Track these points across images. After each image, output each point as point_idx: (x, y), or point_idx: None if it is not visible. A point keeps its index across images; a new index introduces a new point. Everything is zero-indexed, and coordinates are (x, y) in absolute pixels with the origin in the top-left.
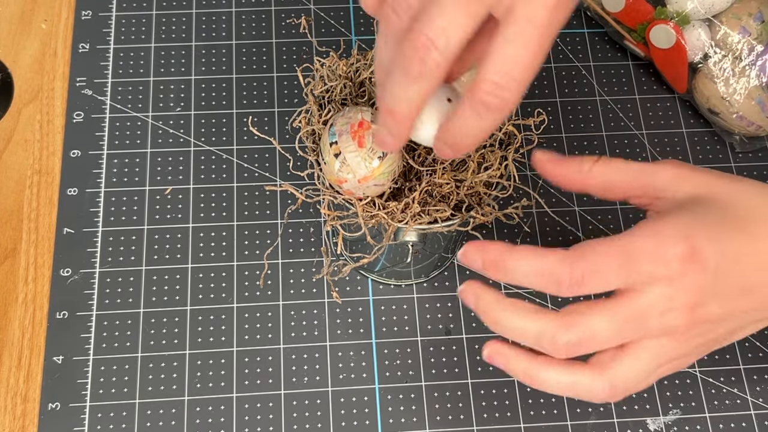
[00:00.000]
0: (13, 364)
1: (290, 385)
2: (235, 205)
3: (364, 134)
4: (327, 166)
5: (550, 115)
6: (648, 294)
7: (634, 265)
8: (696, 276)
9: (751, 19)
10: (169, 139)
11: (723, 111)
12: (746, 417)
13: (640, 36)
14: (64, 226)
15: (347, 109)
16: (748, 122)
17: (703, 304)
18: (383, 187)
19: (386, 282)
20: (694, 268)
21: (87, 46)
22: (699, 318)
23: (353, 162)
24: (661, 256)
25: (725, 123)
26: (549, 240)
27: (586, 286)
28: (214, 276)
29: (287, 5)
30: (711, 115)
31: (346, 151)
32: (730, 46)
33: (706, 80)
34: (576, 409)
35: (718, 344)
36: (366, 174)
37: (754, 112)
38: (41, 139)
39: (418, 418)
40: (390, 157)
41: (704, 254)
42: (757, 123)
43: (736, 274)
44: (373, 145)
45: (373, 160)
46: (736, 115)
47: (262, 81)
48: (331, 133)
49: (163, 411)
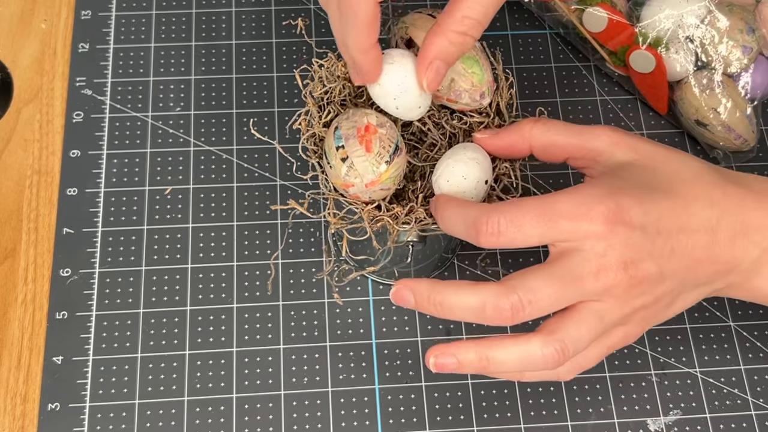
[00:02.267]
0: (13, 364)
1: (290, 386)
2: (235, 205)
3: (372, 138)
4: (333, 170)
5: (551, 115)
6: (580, 253)
7: (553, 221)
8: (623, 233)
9: (745, 34)
10: (169, 139)
11: (711, 122)
12: (746, 417)
13: (619, 60)
14: (64, 226)
15: (350, 112)
16: (735, 135)
17: (635, 262)
18: (389, 191)
19: (386, 282)
20: (621, 226)
21: (87, 46)
22: (635, 276)
23: (361, 167)
24: (583, 214)
25: (711, 135)
26: None
27: (503, 236)
28: (214, 276)
29: (287, 5)
30: (697, 127)
31: (354, 156)
32: (727, 59)
33: (695, 91)
34: (576, 410)
35: (662, 314)
36: (373, 179)
37: (741, 125)
38: (41, 139)
39: (418, 418)
40: (397, 162)
41: (629, 213)
42: (743, 137)
43: (664, 234)
44: (380, 149)
45: (381, 165)
46: (723, 126)
47: (262, 81)
48: (337, 137)
49: (163, 411)
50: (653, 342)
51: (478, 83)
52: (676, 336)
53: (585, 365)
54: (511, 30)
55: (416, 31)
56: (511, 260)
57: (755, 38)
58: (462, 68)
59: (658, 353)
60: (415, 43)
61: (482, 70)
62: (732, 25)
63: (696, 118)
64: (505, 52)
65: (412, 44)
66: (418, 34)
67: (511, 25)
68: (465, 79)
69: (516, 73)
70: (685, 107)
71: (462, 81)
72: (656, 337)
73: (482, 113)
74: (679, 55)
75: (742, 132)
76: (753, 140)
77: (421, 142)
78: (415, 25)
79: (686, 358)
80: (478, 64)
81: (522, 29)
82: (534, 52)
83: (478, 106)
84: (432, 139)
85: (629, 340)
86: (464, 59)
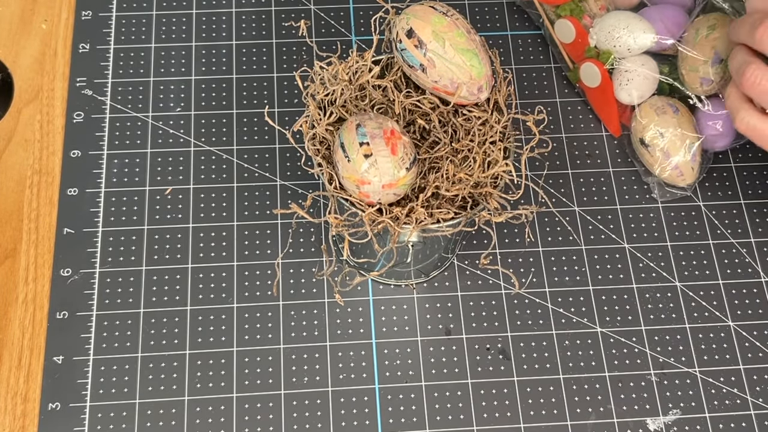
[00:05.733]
0: (13, 364)
1: (290, 385)
2: (235, 205)
3: (397, 143)
4: (351, 164)
5: (550, 115)
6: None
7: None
8: None
9: (707, 66)
10: (169, 139)
11: (652, 144)
12: (746, 417)
13: (575, 75)
14: (64, 226)
15: (371, 114)
16: (673, 165)
17: None
18: (398, 197)
19: (386, 282)
20: None
21: (87, 46)
22: None
23: (384, 167)
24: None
25: (650, 159)
26: (549, 240)
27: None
28: (214, 276)
29: (287, 5)
30: (640, 146)
31: (379, 155)
32: (684, 86)
33: (649, 108)
34: (576, 409)
35: None
36: (392, 181)
37: (681, 156)
38: (41, 139)
39: (418, 418)
40: (413, 171)
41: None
42: (680, 169)
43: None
44: (403, 155)
45: (401, 170)
46: (662, 153)
47: (262, 81)
48: (361, 134)
49: (163, 411)
50: (653, 342)
51: (477, 77)
52: (676, 336)
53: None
54: (510, 30)
55: (417, 21)
56: (511, 260)
57: (719, 70)
58: (461, 61)
59: (657, 353)
60: (416, 33)
61: (481, 63)
62: (699, 53)
63: (641, 137)
64: (505, 52)
65: (413, 34)
66: (420, 25)
67: (511, 26)
68: (464, 72)
69: (516, 74)
70: (635, 123)
71: (461, 73)
72: (656, 337)
73: (481, 107)
74: (631, 75)
75: (680, 164)
76: (690, 178)
77: (422, 140)
78: (416, 15)
79: (686, 357)
80: (477, 58)
81: (522, 30)
82: (534, 53)
83: (476, 100)
84: (435, 137)
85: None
86: (464, 52)
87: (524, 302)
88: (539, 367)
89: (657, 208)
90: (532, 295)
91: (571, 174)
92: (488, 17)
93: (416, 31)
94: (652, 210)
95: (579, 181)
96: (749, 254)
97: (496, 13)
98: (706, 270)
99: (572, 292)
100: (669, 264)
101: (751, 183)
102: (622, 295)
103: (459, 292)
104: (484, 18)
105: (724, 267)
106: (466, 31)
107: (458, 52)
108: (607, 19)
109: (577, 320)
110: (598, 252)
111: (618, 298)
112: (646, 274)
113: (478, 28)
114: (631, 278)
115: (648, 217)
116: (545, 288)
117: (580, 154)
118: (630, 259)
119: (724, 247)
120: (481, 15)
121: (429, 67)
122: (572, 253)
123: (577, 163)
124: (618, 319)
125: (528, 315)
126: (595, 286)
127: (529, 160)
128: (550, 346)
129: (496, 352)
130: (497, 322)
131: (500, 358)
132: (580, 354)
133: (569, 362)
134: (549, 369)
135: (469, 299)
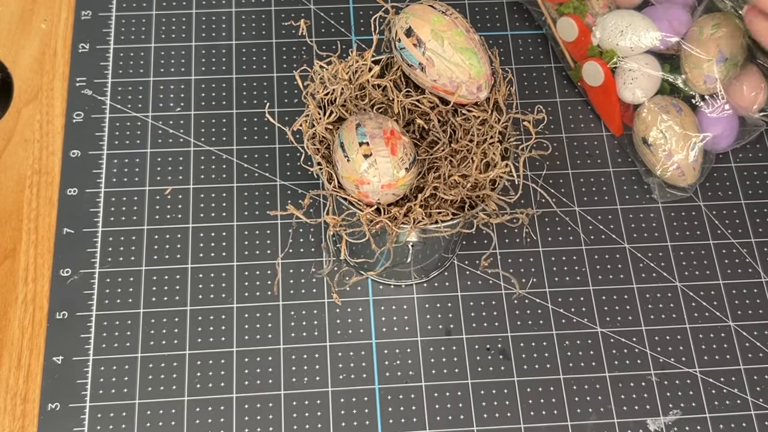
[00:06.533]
0: (13, 364)
1: (290, 386)
2: (235, 205)
3: (397, 143)
4: (351, 164)
5: (551, 114)
6: None
7: None
8: None
9: (712, 65)
10: (169, 139)
11: (656, 144)
12: (746, 417)
13: (576, 74)
14: (64, 226)
15: (371, 114)
16: (675, 165)
17: None
18: (397, 197)
19: (386, 282)
20: None
21: (87, 46)
22: None
23: (383, 167)
24: None
25: (652, 159)
26: (549, 240)
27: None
28: (214, 276)
29: (287, 5)
30: (643, 145)
31: (379, 155)
32: (687, 86)
33: (652, 107)
34: (576, 410)
35: None
36: (391, 181)
37: (684, 156)
38: (41, 139)
39: (418, 419)
40: (413, 172)
41: None
42: (682, 169)
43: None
44: (403, 155)
45: (401, 170)
46: (665, 153)
47: (262, 81)
48: (360, 133)
49: (163, 411)
50: (653, 342)
51: (476, 75)
52: (676, 336)
53: None
54: (511, 30)
55: (416, 20)
56: (511, 260)
57: (725, 67)
58: (460, 59)
59: (658, 353)
60: (415, 32)
61: (480, 62)
62: (703, 52)
63: (644, 136)
64: (506, 51)
65: (411, 33)
66: (418, 24)
67: (511, 26)
68: (462, 71)
69: (516, 73)
70: (638, 123)
71: (459, 72)
72: (656, 337)
73: (480, 107)
74: (635, 75)
75: (682, 164)
76: (692, 178)
77: (421, 139)
78: (415, 14)
79: (686, 358)
80: (476, 57)
81: (522, 29)
82: (534, 53)
83: (475, 99)
84: (434, 137)
85: None
86: (463, 51)
87: (524, 302)
88: (539, 368)
89: (657, 208)
90: (532, 296)
91: (571, 174)
92: (488, 17)
93: (415, 29)
94: (653, 210)
95: (579, 181)
96: (749, 254)
97: (496, 12)
98: (707, 270)
99: (572, 293)
100: (669, 264)
101: (752, 183)
102: (623, 296)
103: (459, 292)
104: (484, 18)
105: (725, 267)
106: (465, 30)
107: (457, 50)
108: (610, 17)
109: (577, 320)
110: (599, 252)
111: (618, 298)
112: (647, 274)
113: (478, 28)
114: (632, 278)
115: (648, 217)
116: (545, 288)
117: (580, 154)
118: (630, 259)
119: (725, 248)
120: (481, 15)
121: (428, 66)
122: (572, 254)
123: (577, 163)
124: (618, 320)
125: (528, 315)
126: (596, 286)
127: (529, 160)
128: (550, 347)
129: (496, 352)
130: (497, 322)
131: (500, 358)
132: (581, 354)
133: (569, 362)
134: (549, 369)
135: (469, 299)
